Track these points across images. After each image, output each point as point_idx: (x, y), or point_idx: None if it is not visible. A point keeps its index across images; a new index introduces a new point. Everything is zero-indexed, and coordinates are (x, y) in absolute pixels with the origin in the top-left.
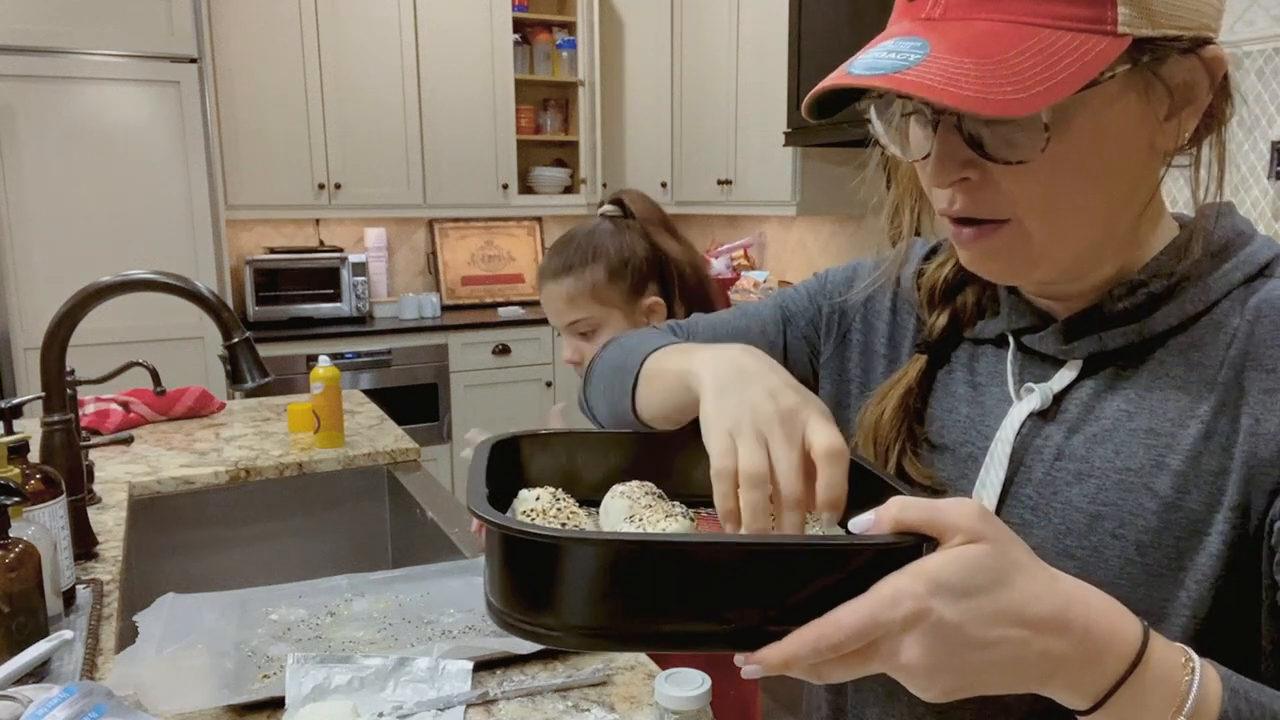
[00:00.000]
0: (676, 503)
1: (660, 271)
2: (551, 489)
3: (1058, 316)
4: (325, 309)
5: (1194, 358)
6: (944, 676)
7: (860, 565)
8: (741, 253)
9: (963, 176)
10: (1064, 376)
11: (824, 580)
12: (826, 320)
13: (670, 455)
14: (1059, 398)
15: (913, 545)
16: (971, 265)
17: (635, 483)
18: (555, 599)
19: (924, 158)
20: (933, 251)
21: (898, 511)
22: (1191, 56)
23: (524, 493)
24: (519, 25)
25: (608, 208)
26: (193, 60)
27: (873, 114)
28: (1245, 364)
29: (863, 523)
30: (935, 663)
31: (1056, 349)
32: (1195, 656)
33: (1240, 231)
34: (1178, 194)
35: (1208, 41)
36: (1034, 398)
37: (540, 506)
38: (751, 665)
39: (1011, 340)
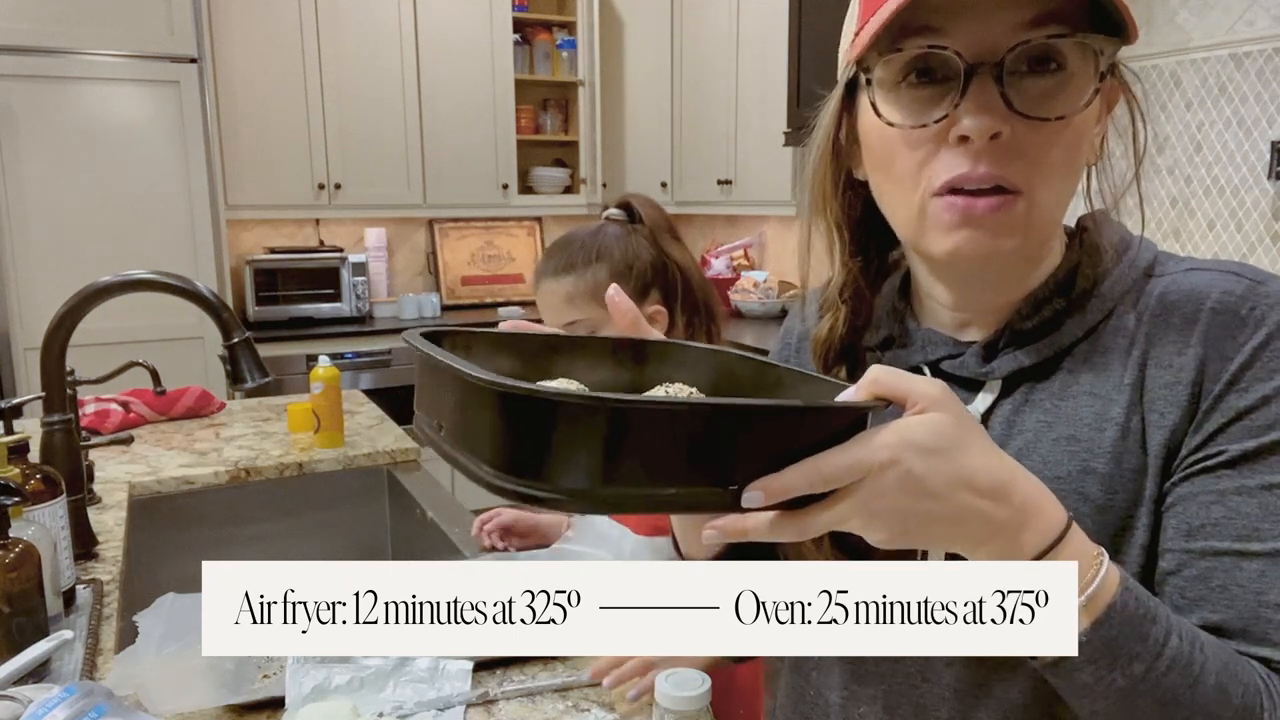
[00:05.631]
0: None
1: (664, 279)
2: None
3: (969, 341)
4: (325, 309)
5: (1099, 363)
6: (900, 519)
7: (833, 424)
8: (741, 253)
9: (996, 133)
10: (984, 399)
11: (806, 436)
12: None
13: (572, 357)
14: (983, 419)
15: (884, 409)
16: (969, 244)
17: (563, 380)
18: (577, 461)
19: (940, 119)
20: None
21: (875, 374)
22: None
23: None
24: (519, 25)
25: (614, 212)
26: (193, 60)
27: (877, 73)
28: (1147, 362)
29: (845, 395)
30: (897, 505)
31: (976, 372)
32: (1107, 555)
33: (1122, 237)
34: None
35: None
36: None
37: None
38: (754, 491)
39: (928, 371)
